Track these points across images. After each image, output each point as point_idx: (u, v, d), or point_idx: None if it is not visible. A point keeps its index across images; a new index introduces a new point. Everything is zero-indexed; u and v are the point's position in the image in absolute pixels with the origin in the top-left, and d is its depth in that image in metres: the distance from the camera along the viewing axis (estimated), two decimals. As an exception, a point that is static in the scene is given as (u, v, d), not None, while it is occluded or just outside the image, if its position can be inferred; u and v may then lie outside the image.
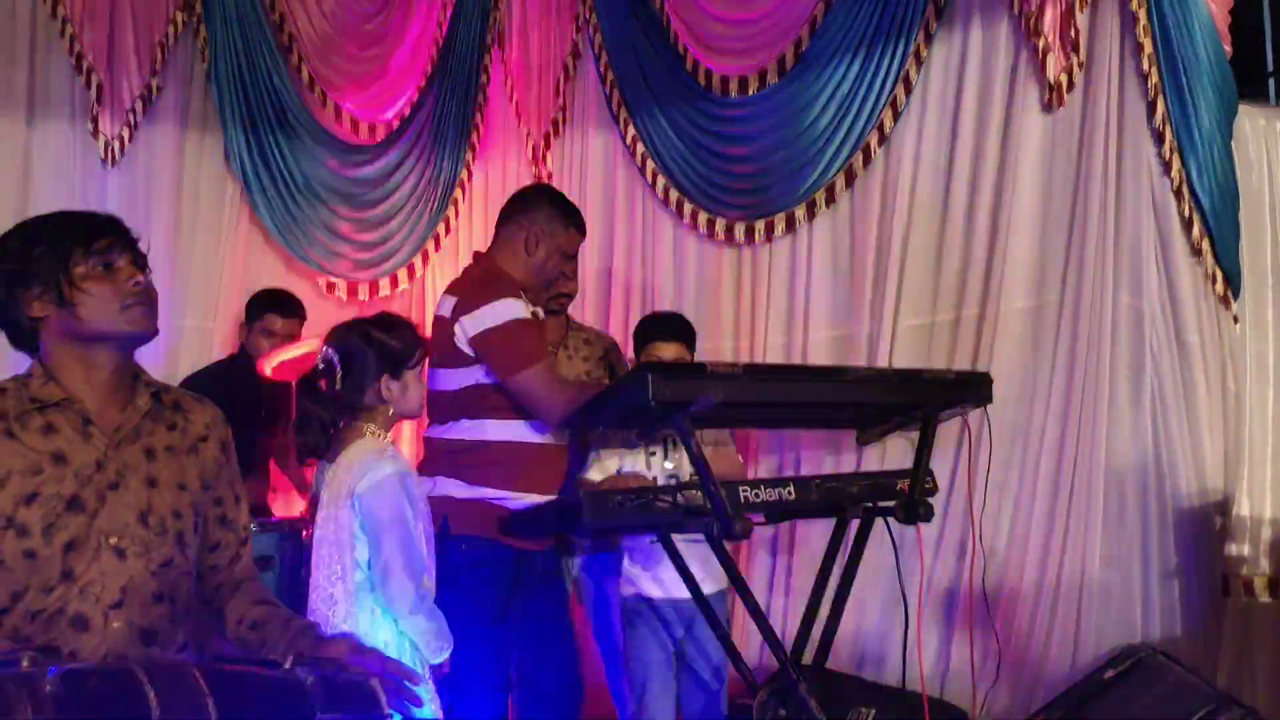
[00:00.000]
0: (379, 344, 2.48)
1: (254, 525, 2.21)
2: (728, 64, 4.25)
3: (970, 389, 2.80)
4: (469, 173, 4.87)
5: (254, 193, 4.70)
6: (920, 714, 2.73)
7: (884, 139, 3.94)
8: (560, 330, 3.56)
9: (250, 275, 4.65)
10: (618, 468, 3.13)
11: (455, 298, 2.83)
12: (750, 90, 4.19)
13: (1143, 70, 3.50)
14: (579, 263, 3.42)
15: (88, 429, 1.79)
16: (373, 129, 4.87)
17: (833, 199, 4.03)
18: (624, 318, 4.32)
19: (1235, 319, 3.74)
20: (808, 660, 2.86)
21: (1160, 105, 3.49)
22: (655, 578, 3.17)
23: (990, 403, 2.84)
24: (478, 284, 2.86)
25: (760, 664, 3.57)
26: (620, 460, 3.13)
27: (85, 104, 4.47)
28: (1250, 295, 3.81)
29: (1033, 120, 3.68)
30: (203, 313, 4.59)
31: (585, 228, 3.11)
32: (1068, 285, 3.59)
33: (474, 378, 2.79)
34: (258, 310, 4.08)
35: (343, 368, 2.48)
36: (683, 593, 2.90)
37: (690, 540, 2.81)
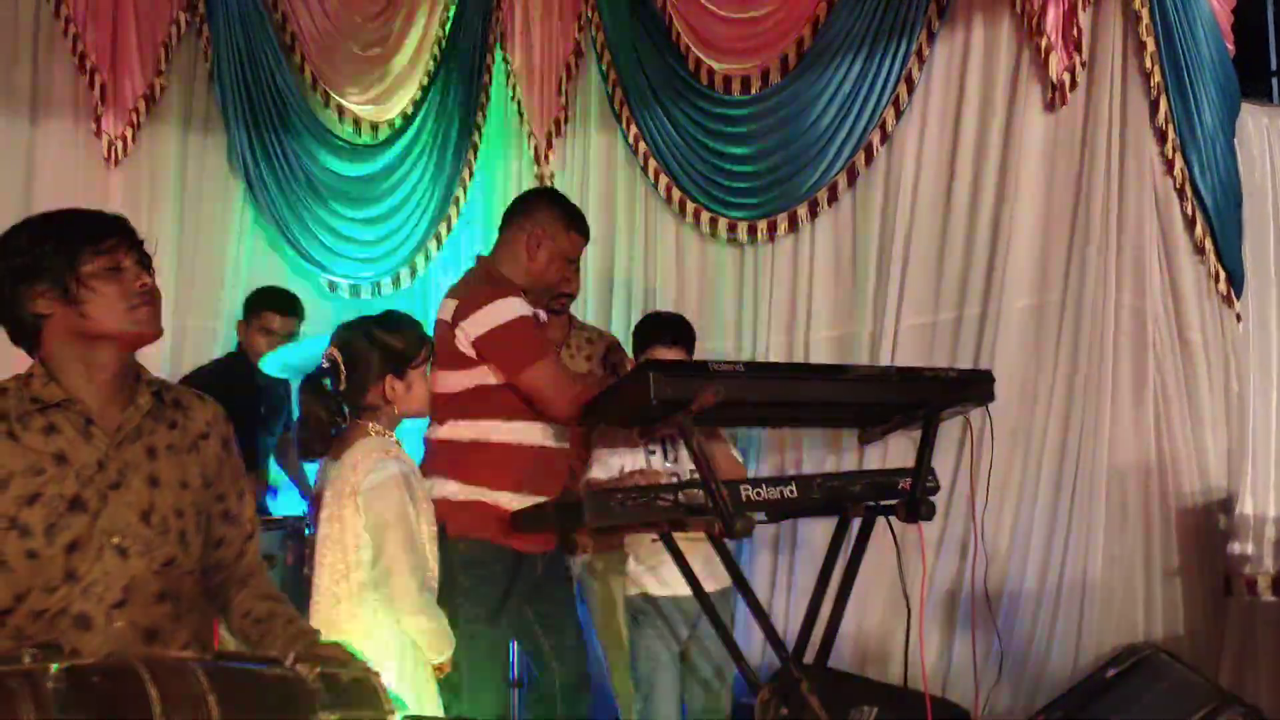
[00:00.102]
0: (383, 343, 2.48)
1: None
2: (730, 63, 4.25)
3: (972, 388, 2.80)
4: (471, 172, 4.87)
5: (256, 192, 4.71)
6: (922, 713, 2.73)
7: (886, 138, 3.94)
8: (562, 329, 3.55)
9: (253, 274, 4.66)
10: (620, 467, 3.12)
11: (456, 301, 2.83)
12: (753, 89, 4.18)
13: (1145, 69, 3.50)
14: (580, 262, 3.41)
15: (89, 429, 1.79)
16: (375, 128, 4.88)
17: (835, 198, 4.03)
18: (626, 317, 4.31)
19: (1238, 317, 3.73)
20: (809, 659, 2.85)
21: (1163, 104, 3.49)
22: (659, 576, 3.16)
23: (992, 401, 2.84)
24: (478, 287, 2.86)
25: (763, 663, 3.57)
26: (623, 459, 3.13)
27: (89, 104, 4.48)
28: (1253, 293, 3.80)
29: (1035, 119, 3.68)
30: (206, 312, 4.60)
31: (588, 231, 3.10)
32: (1070, 284, 3.59)
33: (476, 380, 2.78)
34: (256, 308, 4.08)
35: (347, 367, 2.47)
36: (686, 590, 2.90)
37: (693, 539, 2.81)
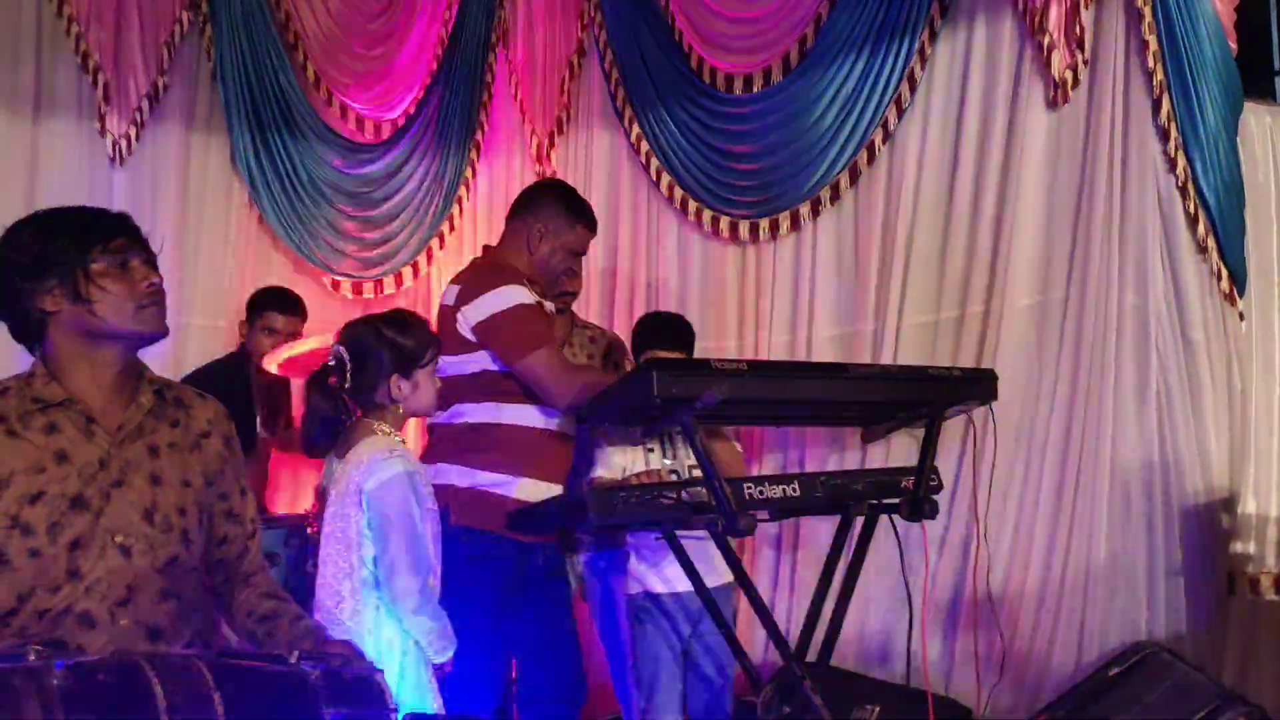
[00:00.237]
0: (391, 342, 2.46)
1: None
2: (733, 61, 4.24)
3: (975, 386, 2.80)
4: (473, 171, 4.87)
5: (260, 191, 4.71)
6: (925, 712, 2.73)
7: (888, 136, 3.94)
8: (565, 327, 3.56)
9: (256, 273, 4.66)
10: (622, 466, 3.12)
11: (459, 286, 2.84)
12: (755, 88, 4.18)
13: (1148, 67, 3.49)
14: (583, 260, 3.41)
15: (90, 428, 1.79)
16: (378, 127, 4.88)
17: (837, 196, 4.03)
18: (628, 316, 4.31)
19: (1240, 315, 3.72)
20: (812, 657, 2.86)
21: (1165, 102, 3.48)
22: (661, 574, 3.17)
23: (995, 400, 2.84)
24: (481, 273, 2.88)
25: (765, 661, 3.57)
26: (625, 457, 3.13)
27: (92, 103, 4.48)
28: (1255, 292, 3.79)
29: (1037, 117, 3.67)
30: (209, 311, 4.60)
31: (595, 223, 3.10)
32: (1072, 282, 3.58)
33: (478, 364, 2.79)
34: (259, 308, 4.09)
35: (354, 365, 2.46)
36: (688, 587, 2.91)
37: (695, 538, 2.81)
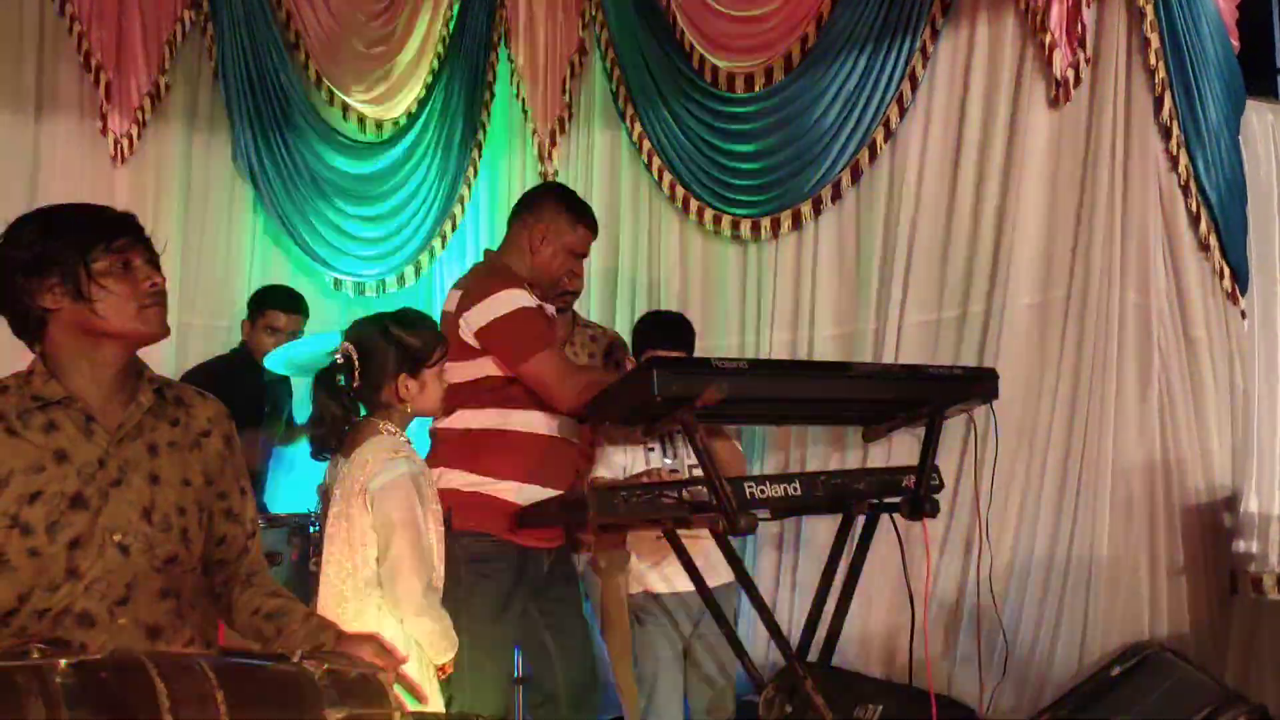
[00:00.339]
0: (398, 341, 2.44)
1: (261, 521, 2.21)
2: (734, 60, 4.24)
3: (976, 385, 2.80)
4: (475, 170, 4.87)
5: (261, 190, 4.71)
6: (927, 711, 2.73)
7: (890, 135, 3.93)
8: (566, 327, 3.55)
9: (258, 272, 4.66)
10: (623, 465, 3.13)
11: (460, 292, 2.85)
12: (756, 87, 4.18)
13: (1150, 65, 3.49)
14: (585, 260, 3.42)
15: (90, 426, 1.78)
16: (379, 126, 4.88)
17: (839, 195, 4.02)
18: (629, 314, 4.31)
19: (1243, 314, 3.72)
20: (814, 657, 2.86)
21: (1167, 100, 3.48)
22: (662, 573, 3.16)
23: (996, 399, 2.84)
24: (482, 279, 2.88)
25: (766, 660, 3.57)
26: (625, 457, 3.13)
27: (94, 102, 4.49)
28: (1258, 290, 3.79)
29: (1039, 116, 3.67)
30: (211, 310, 4.60)
31: (596, 225, 3.10)
32: (1074, 281, 3.58)
33: (481, 370, 2.79)
34: (261, 306, 4.09)
35: (360, 363, 2.44)
36: (689, 587, 2.90)
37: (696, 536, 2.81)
